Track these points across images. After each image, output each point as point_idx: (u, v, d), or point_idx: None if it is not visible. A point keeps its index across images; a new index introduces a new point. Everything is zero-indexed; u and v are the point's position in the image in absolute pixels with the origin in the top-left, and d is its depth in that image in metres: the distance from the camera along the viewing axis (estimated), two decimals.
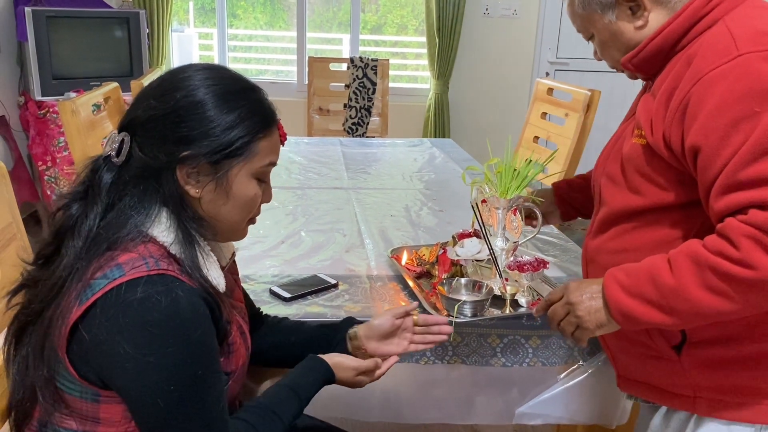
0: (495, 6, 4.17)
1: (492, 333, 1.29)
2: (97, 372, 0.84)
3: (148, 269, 0.82)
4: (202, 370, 0.84)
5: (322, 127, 3.93)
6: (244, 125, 0.90)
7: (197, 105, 0.88)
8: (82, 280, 0.84)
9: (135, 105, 0.92)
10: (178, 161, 0.88)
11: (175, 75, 0.92)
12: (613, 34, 1.11)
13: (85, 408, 0.87)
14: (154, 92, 0.91)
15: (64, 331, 0.83)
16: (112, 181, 0.89)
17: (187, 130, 0.88)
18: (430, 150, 2.87)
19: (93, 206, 0.89)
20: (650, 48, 1.06)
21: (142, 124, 0.89)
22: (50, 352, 0.85)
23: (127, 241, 0.85)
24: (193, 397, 0.83)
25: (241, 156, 0.91)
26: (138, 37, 3.60)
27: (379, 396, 1.33)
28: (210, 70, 0.93)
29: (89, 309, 0.82)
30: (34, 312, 0.88)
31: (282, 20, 4.65)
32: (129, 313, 0.80)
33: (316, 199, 2.07)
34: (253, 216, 0.99)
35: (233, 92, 0.91)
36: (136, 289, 0.80)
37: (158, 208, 0.88)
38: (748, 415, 1.02)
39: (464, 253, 1.37)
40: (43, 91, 3.30)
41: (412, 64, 4.70)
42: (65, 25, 3.42)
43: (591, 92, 2.40)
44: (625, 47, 1.11)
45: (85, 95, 1.86)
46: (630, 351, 1.13)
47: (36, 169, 3.40)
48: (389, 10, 4.59)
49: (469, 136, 4.26)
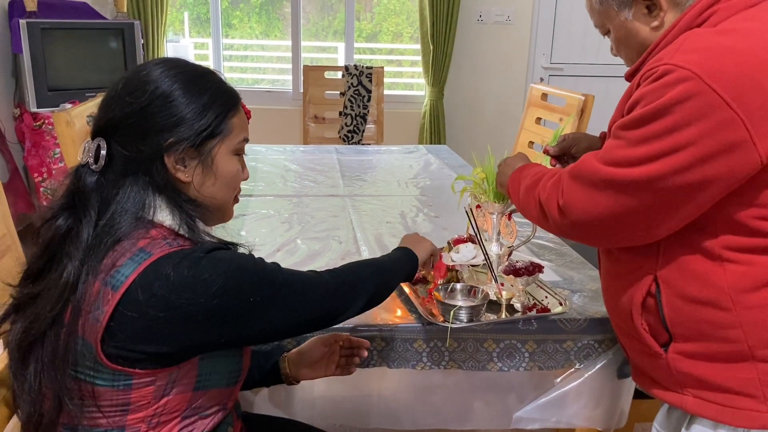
0: (488, 13, 4.19)
1: (488, 338, 1.30)
2: (161, 344, 0.85)
3: (170, 247, 0.86)
4: (259, 268, 0.91)
5: (317, 135, 3.94)
6: (216, 105, 0.95)
7: (170, 94, 0.92)
8: (101, 273, 0.85)
9: (106, 107, 0.94)
10: (164, 150, 0.91)
11: (139, 72, 0.95)
12: (628, 32, 1.11)
13: (116, 396, 0.87)
14: (124, 92, 0.93)
15: (103, 318, 0.83)
16: (97, 184, 0.91)
17: (166, 118, 0.91)
18: (425, 156, 2.88)
19: (85, 212, 0.90)
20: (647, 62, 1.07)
21: (120, 123, 0.92)
22: (76, 349, 0.85)
23: (137, 231, 0.88)
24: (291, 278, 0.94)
25: (220, 134, 0.96)
26: (133, 48, 3.60)
27: (377, 403, 1.33)
28: (169, 61, 0.97)
29: (126, 293, 0.83)
30: (45, 322, 0.88)
31: (277, 29, 4.67)
32: (175, 280, 0.83)
33: (312, 206, 2.07)
34: (236, 194, 1.04)
35: (198, 77, 0.96)
36: (168, 264, 0.84)
37: (154, 197, 0.91)
38: (728, 418, 1.01)
39: (460, 259, 1.37)
40: (38, 103, 3.30)
41: (407, 71, 4.72)
42: (60, 36, 3.42)
43: (585, 97, 2.42)
44: (639, 46, 1.11)
45: (80, 106, 1.86)
46: (633, 347, 1.14)
47: (32, 180, 3.40)
48: (384, 18, 4.61)
49: (465, 143, 4.27)
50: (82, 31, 3.54)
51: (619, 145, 0.99)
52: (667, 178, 0.94)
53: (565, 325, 1.30)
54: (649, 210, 0.98)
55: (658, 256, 1.04)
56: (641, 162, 0.95)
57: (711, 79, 0.90)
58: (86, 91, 3.37)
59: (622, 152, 0.98)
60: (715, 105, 0.89)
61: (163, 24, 3.88)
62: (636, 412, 1.44)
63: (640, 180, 0.96)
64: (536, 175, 1.19)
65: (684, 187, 0.94)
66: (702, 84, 0.90)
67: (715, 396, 1.02)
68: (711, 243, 0.99)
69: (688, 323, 1.02)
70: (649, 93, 0.95)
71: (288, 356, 1.23)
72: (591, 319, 1.31)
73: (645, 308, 1.07)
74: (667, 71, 0.94)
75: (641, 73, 1.02)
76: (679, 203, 0.96)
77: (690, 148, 0.92)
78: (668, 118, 0.92)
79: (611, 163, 0.99)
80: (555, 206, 1.08)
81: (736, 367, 1.00)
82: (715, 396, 1.02)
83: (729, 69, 0.91)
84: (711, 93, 0.89)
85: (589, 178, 1.02)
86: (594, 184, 1.01)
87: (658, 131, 0.94)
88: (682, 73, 0.92)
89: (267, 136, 3.79)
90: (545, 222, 1.13)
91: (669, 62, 0.94)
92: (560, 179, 1.08)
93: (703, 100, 0.90)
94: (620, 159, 0.98)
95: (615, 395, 1.34)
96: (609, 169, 0.99)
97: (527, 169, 1.25)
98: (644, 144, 0.95)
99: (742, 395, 1.00)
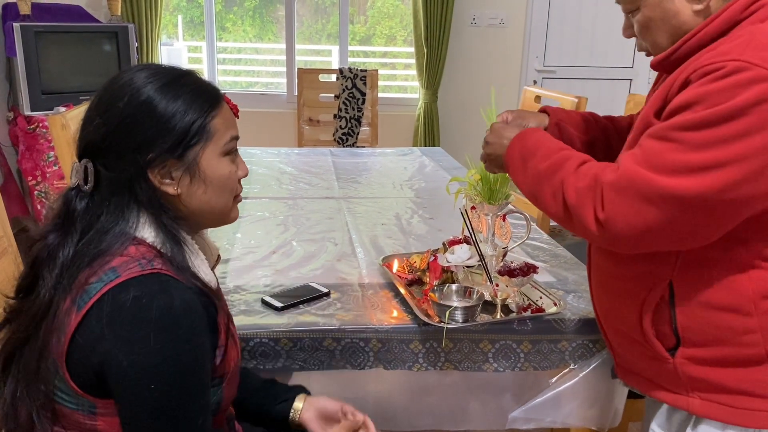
0: (482, 16, 4.21)
1: (484, 338, 1.30)
2: (96, 374, 0.83)
3: (141, 269, 0.83)
4: (190, 374, 0.84)
5: (312, 138, 3.94)
6: (193, 109, 0.90)
7: (142, 105, 0.88)
8: (72, 290, 0.84)
9: (84, 129, 0.92)
10: (146, 166, 0.88)
11: (111, 86, 0.91)
12: (665, 12, 1.01)
13: (83, 421, 0.86)
14: (97, 110, 0.90)
15: (65, 339, 0.83)
16: (85, 208, 0.90)
17: (142, 133, 0.88)
18: (420, 159, 2.89)
19: (69, 235, 0.89)
20: (683, 50, 1.00)
21: (98, 145, 0.89)
22: (47, 367, 0.85)
23: (116, 246, 0.86)
24: (176, 400, 0.83)
25: (201, 140, 0.91)
26: (127, 51, 3.60)
27: (373, 404, 1.33)
28: (142, 69, 0.92)
29: (86, 313, 0.82)
30: (20, 340, 0.88)
31: (271, 33, 4.67)
32: (122, 313, 0.81)
33: (307, 209, 2.08)
34: (237, 194, 0.99)
35: (171, 82, 0.91)
36: (130, 290, 0.81)
37: (137, 213, 0.89)
38: (739, 419, 1.01)
39: (455, 260, 1.38)
40: (32, 106, 3.29)
41: (401, 74, 4.73)
42: (54, 40, 3.42)
43: (578, 99, 2.43)
44: (674, 30, 1.01)
45: (75, 109, 1.86)
46: (629, 348, 1.13)
47: (26, 184, 3.39)
48: (378, 22, 4.62)
49: (459, 145, 4.28)
50: (76, 35, 3.54)
51: (675, 149, 0.90)
52: (736, 188, 0.87)
53: (560, 325, 1.31)
54: (708, 221, 0.91)
55: (676, 262, 1.00)
56: (705, 168, 0.87)
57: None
58: (80, 95, 3.37)
59: (680, 157, 0.89)
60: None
61: (157, 27, 3.88)
62: (630, 412, 1.45)
63: (706, 192, 0.87)
64: (553, 157, 1.05)
65: (752, 198, 0.88)
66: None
67: (725, 398, 1.02)
68: (740, 250, 0.96)
69: (702, 329, 1.00)
70: (716, 92, 0.87)
71: (306, 399, 1.16)
72: (585, 319, 1.32)
73: (656, 313, 1.04)
74: (739, 68, 0.86)
75: (692, 68, 0.93)
76: (739, 214, 0.91)
77: (764, 155, 0.85)
78: (741, 121, 0.85)
79: (666, 170, 0.90)
80: (591, 217, 0.97)
81: (749, 371, 0.99)
82: (726, 398, 1.02)
83: None
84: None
85: (640, 191, 0.91)
86: (646, 198, 0.91)
87: (728, 135, 0.86)
88: (760, 73, 0.85)
89: (262, 139, 3.79)
90: (569, 223, 1.02)
91: (740, 59, 0.87)
92: (598, 185, 0.96)
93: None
94: (678, 165, 0.89)
95: (609, 395, 1.35)
96: (666, 180, 0.89)
97: (533, 142, 1.11)
98: (710, 149, 0.87)
99: (754, 396, 1.00)
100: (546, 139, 1.12)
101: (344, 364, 1.29)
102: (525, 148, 1.11)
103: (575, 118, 1.32)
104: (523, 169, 1.10)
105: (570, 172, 1.01)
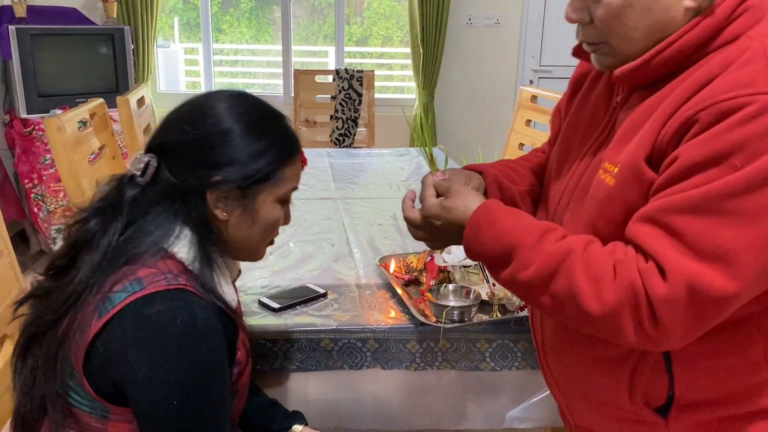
0: (478, 16, 4.21)
1: (481, 338, 1.30)
2: (114, 383, 0.84)
3: (167, 284, 0.84)
4: (209, 391, 0.85)
5: (309, 139, 3.94)
6: (272, 152, 0.93)
7: (229, 132, 0.91)
8: (100, 293, 0.85)
9: (165, 129, 0.94)
10: (209, 186, 0.90)
11: (206, 102, 0.94)
12: (647, 6, 0.79)
13: (94, 424, 0.87)
14: (186, 118, 0.93)
15: (83, 344, 0.83)
16: (135, 198, 0.91)
17: (219, 156, 0.90)
18: (416, 159, 2.89)
19: (113, 222, 0.90)
20: (661, 59, 0.81)
21: (174, 149, 0.92)
22: (64, 365, 0.86)
23: (148, 256, 0.87)
24: (195, 416, 0.84)
25: (269, 182, 0.94)
26: (123, 54, 3.60)
27: (370, 404, 1.33)
28: (237, 97, 0.95)
29: (108, 322, 0.83)
30: (46, 323, 0.89)
31: (267, 34, 4.67)
32: (145, 326, 0.82)
33: (304, 209, 2.08)
34: (272, 237, 1.02)
35: (261, 120, 0.95)
36: (155, 303, 0.82)
37: (181, 227, 0.90)
38: None
39: (451, 260, 1.38)
40: (28, 109, 3.29)
41: (397, 75, 4.73)
42: (50, 42, 3.41)
43: None
44: (655, 30, 0.81)
45: (71, 112, 1.86)
46: (593, 408, 0.96)
47: (22, 186, 3.39)
48: (374, 22, 4.62)
49: (455, 145, 4.28)
50: (72, 37, 3.53)
51: (730, 224, 0.71)
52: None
53: None
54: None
55: None
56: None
57: None
58: (76, 97, 3.36)
59: (740, 232, 0.71)
60: None
61: (153, 29, 3.87)
62: None
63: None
64: (544, 252, 0.81)
65: None
66: None
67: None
68: (749, 309, 0.81)
69: (704, 391, 0.86)
70: (756, 137, 0.70)
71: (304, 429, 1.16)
72: None
73: (649, 377, 0.87)
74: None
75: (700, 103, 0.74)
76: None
77: None
78: None
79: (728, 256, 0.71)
80: (631, 330, 0.76)
81: (757, 425, 0.87)
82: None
83: None
84: None
85: (708, 296, 0.72)
86: (714, 302, 0.73)
87: None
88: None
89: None
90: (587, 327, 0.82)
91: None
92: (640, 297, 0.75)
93: None
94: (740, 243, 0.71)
95: None
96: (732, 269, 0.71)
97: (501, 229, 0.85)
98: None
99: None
100: (511, 216, 0.87)
101: (341, 364, 1.30)
102: (495, 240, 0.85)
103: (506, 171, 1.11)
104: (501, 269, 0.85)
105: (576, 275, 0.78)
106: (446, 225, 0.91)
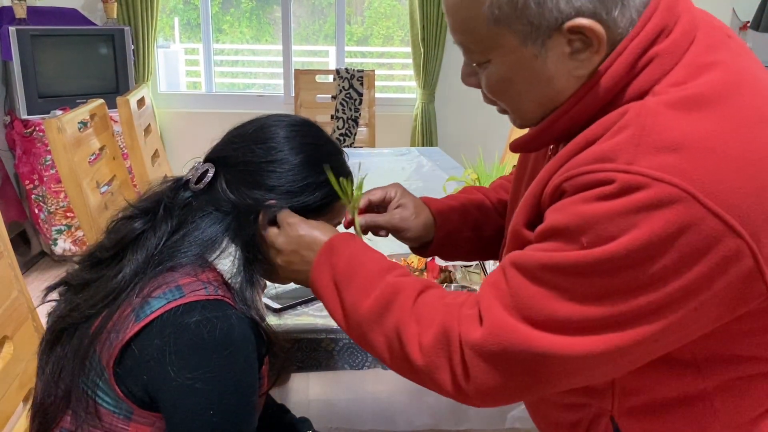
0: None
1: None
2: (145, 388, 0.84)
3: (207, 294, 0.84)
4: (242, 402, 0.86)
5: None
6: (330, 188, 0.95)
7: (291, 161, 0.93)
8: (139, 296, 0.85)
9: (230, 143, 0.96)
10: (263, 207, 0.91)
11: (273, 126, 0.96)
12: (533, 76, 0.72)
13: (116, 423, 0.87)
14: (253, 137, 0.95)
15: (117, 345, 0.83)
16: (188, 203, 0.92)
17: (280, 182, 0.92)
18: (417, 158, 2.89)
19: (162, 224, 0.90)
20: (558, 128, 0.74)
21: (236, 165, 0.93)
22: (94, 362, 0.86)
23: (190, 265, 0.87)
24: (230, 426, 0.85)
25: (320, 213, 0.96)
26: (123, 54, 3.60)
27: (372, 404, 1.33)
28: (304, 127, 0.98)
29: (145, 326, 0.83)
30: (81, 316, 0.89)
31: (268, 34, 4.67)
32: (184, 334, 0.82)
33: None
34: None
35: (323, 155, 0.96)
36: (194, 312, 0.82)
37: (227, 242, 0.91)
38: None
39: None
40: (28, 110, 3.29)
41: (398, 74, 4.73)
42: (50, 43, 3.42)
43: None
44: (545, 101, 0.74)
45: (71, 112, 1.85)
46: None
47: (23, 187, 3.39)
48: (375, 22, 4.62)
49: (456, 144, 4.28)
50: (72, 38, 3.54)
51: (557, 298, 0.66)
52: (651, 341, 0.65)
53: None
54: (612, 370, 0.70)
55: (613, 397, 0.78)
56: (604, 329, 0.64)
57: (710, 196, 0.60)
58: (77, 98, 3.36)
59: (566, 310, 0.65)
60: (719, 235, 0.60)
61: (153, 30, 3.88)
62: None
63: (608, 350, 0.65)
64: (378, 287, 0.78)
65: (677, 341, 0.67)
66: (699, 207, 0.60)
67: None
68: (693, 377, 0.74)
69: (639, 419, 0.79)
70: (605, 219, 0.62)
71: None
72: None
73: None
74: (636, 185, 0.61)
75: (570, 171, 0.68)
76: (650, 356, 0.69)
77: (686, 301, 0.62)
78: (651, 265, 0.61)
79: (548, 327, 0.66)
80: (448, 382, 0.73)
81: None
82: None
83: (726, 173, 0.61)
84: (712, 219, 0.60)
85: (518, 354, 0.67)
86: (524, 362, 0.68)
87: (634, 284, 0.62)
88: (667, 191, 0.60)
89: None
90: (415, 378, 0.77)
91: (632, 169, 0.61)
92: (454, 343, 0.71)
93: (703, 231, 0.60)
94: (565, 322, 0.65)
95: None
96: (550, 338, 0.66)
97: (347, 260, 0.83)
98: (608, 302, 0.63)
99: None
100: (362, 252, 0.84)
101: (342, 364, 1.29)
102: (337, 271, 0.83)
103: (452, 204, 1.11)
104: (340, 303, 0.82)
105: (406, 313, 0.75)
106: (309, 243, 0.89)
